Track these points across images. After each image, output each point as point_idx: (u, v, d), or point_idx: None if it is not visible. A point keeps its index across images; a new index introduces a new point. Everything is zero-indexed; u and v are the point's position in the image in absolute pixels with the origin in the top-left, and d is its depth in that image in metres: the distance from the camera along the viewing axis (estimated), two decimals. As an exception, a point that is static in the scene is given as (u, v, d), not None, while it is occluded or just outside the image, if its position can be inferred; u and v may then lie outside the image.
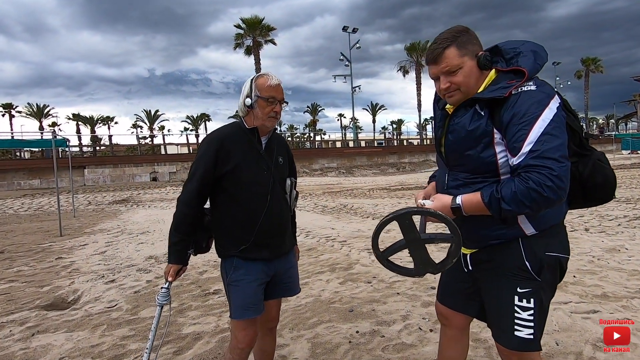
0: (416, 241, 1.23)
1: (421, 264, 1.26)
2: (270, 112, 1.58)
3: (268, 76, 1.59)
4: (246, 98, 1.58)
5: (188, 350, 2.46)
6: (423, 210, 1.23)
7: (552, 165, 1.09)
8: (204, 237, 1.70)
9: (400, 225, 1.21)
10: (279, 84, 1.60)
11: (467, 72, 1.25)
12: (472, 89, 1.27)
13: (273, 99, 1.57)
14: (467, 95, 1.28)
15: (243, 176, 1.56)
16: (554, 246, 1.28)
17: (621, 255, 4.11)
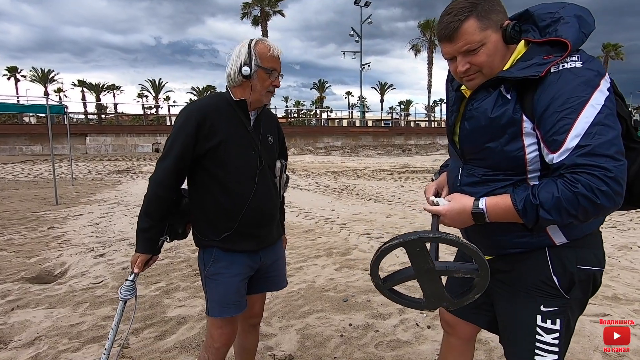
0: (429, 272, 0.97)
1: (433, 297, 1.02)
2: (270, 85, 1.37)
3: (269, 44, 1.36)
4: (243, 66, 1.34)
5: (170, 335, 2.33)
6: (441, 237, 0.95)
7: (607, 165, 0.85)
8: (181, 222, 1.50)
9: (409, 253, 0.96)
10: (280, 55, 1.39)
11: (492, 50, 0.99)
12: (497, 69, 1.02)
13: (275, 71, 1.37)
14: (491, 77, 1.03)
15: (227, 155, 1.36)
16: (588, 259, 1.06)
17: (633, 253, 3.91)
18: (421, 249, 0.94)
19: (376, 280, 1.03)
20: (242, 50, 1.35)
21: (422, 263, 0.96)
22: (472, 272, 0.97)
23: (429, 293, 1.02)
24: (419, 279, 0.99)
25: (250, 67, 1.33)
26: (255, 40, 1.37)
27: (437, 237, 0.94)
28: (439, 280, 0.99)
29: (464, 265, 0.99)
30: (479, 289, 1.00)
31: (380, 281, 1.03)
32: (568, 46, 0.95)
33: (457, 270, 0.99)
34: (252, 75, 1.34)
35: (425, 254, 0.95)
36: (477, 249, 0.93)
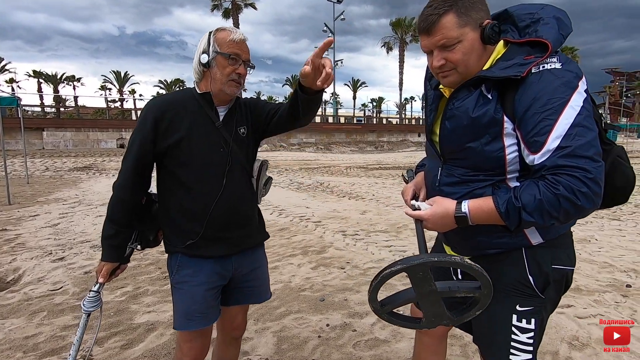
0: (431, 294, 0.94)
1: (433, 316, 1.00)
2: (232, 73, 1.26)
3: (231, 30, 1.27)
4: (202, 54, 1.25)
5: (138, 344, 2.20)
6: (446, 260, 0.92)
7: (587, 166, 0.86)
8: (153, 229, 1.39)
9: (412, 278, 0.92)
10: (244, 40, 1.28)
11: (468, 48, 0.98)
12: (472, 69, 1.01)
13: (236, 56, 1.26)
14: (466, 76, 1.02)
15: (189, 153, 1.26)
16: (562, 258, 1.08)
17: (592, 246, 4.14)
18: (424, 272, 0.90)
19: (374, 305, 0.98)
20: (203, 40, 1.27)
21: (424, 286, 0.93)
22: (474, 291, 0.95)
23: (429, 314, 0.99)
24: (421, 301, 0.96)
25: (208, 54, 1.24)
26: (217, 27, 1.29)
27: (442, 260, 0.91)
28: (440, 301, 0.96)
29: (466, 284, 0.96)
30: (480, 306, 0.98)
31: (379, 306, 0.98)
32: (548, 47, 0.95)
33: (459, 290, 0.96)
34: (211, 63, 1.24)
35: (428, 278, 0.91)
36: (481, 269, 0.90)
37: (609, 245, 4.17)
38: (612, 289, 3.00)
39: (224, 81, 1.26)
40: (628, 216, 5.56)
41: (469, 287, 0.95)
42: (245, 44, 1.28)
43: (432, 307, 0.96)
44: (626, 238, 4.43)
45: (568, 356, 2.12)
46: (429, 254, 0.91)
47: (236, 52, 1.25)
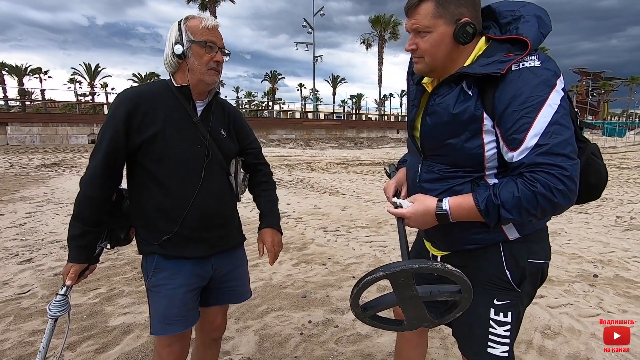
0: (412, 299, 0.96)
1: (415, 319, 1.01)
2: (210, 61, 1.21)
3: (201, 17, 1.22)
4: (175, 45, 1.19)
5: (114, 347, 2.12)
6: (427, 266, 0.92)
7: (564, 164, 0.88)
8: (124, 227, 1.33)
9: (393, 284, 0.93)
10: (217, 27, 1.23)
11: (436, 40, 1.00)
12: (440, 63, 1.03)
13: (212, 43, 1.21)
14: (434, 68, 1.04)
15: (165, 149, 1.21)
16: (538, 253, 1.11)
17: (562, 238, 4.33)
18: (405, 278, 0.91)
19: (356, 310, 0.98)
20: (173, 30, 1.22)
21: (405, 291, 0.93)
22: (455, 294, 0.96)
23: (411, 317, 1.00)
24: (402, 305, 0.97)
25: (182, 44, 1.19)
26: (185, 16, 1.23)
27: (424, 266, 0.91)
28: (421, 304, 0.97)
29: (447, 287, 0.97)
30: (461, 309, 0.99)
31: (361, 310, 0.99)
32: (528, 45, 0.96)
33: (440, 294, 0.97)
34: (186, 53, 1.19)
35: (409, 283, 0.92)
36: (462, 274, 0.91)
37: (578, 237, 4.36)
38: (580, 279, 3.15)
39: (203, 71, 1.21)
40: (594, 209, 5.84)
41: (449, 291, 0.96)
42: (218, 31, 1.24)
43: (414, 310, 0.97)
44: (593, 230, 4.66)
45: (541, 345, 2.20)
46: (411, 260, 0.91)
47: (211, 39, 1.21)
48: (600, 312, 2.59)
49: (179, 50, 1.19)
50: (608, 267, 3.43)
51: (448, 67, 1.04)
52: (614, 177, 9.48)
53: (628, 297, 2.84)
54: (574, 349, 2.16)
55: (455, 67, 1.03)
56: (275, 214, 1.50)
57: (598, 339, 2.26)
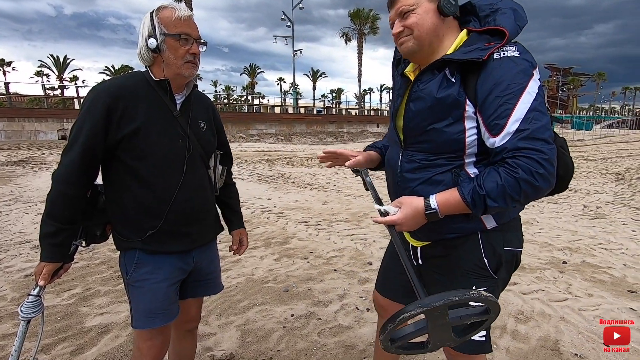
0: (443, 326, 0.92)
1: (439, 341, 0.98)
2: (186, 54, 1.18)
3: (174, 7, 1.17)
4: (149, 39, 1.16)
5: (91, 348, 2.07)
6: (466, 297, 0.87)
7: (543, 148, 0.92)
8: (99, 223, 1.30)
9: (428, 317, 0.89)
10: (190, 17, 1.20)
11: (422, 14, 1.05)
12: (427, 37, 1.06)
13: (187, 35, 1.18)
14: (421, 44, 1.07)
15: (146, 144, 1.17)
16: (513, 241, 1.16)
17: (534, 227, 4.51)
18: (442, 311, 0.88)
19: (386, 344, 0.94)
20: (145, 23, 1.18)
21: (439, 321, 0.90)
22: (481, 316, 0.93)
23: (436, 339, 0.97)
24: (431, 334, 0.94)
25: (156, 37, 1.15)
26: (157, 7, 1.19)
27: (462, 297, 0.86)
28: (450, 329, 0.95)
29: (475, 310, 0.93)
30: (484, 327, 0.97)
31: (389, 343, 0.95)
32: (506, 34, 1.01)
33: (470, 317, 0.94)
34: (161, 47, 1.16)
35: (444, 314, 0.89)
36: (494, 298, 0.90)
37: (548, 226, 4.56)
38: (551, 266, 3.30)
39: (179, 64, 1.18)
40: (564, 200, 6.11)
41: (477, 313, 0.94)
42: (192, 21, 1.20)
43: (441, 334, 0.95)
44: (562, 220, 4.88)
45: (515, 329, 2.30)
46: (448, 293, 0.86)
47: (186, 31, 1.17)
48: (569, 297, 2.73)
49: (153, 45, 1.15)
50: (576, 254, 3.61)
51: (434, 47, 1.08)
52: (581, 169, 9.94)
53: (594, 281, 3.00)
54: (544, 332, 2.27)
55: (439, 52, 1.08)
56: (241, 214, 1.61)
57: (567, 321, 2.39)
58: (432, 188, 1.09)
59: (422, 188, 1.11)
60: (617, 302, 2.66)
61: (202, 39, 1.23)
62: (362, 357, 2.02)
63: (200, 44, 1.23)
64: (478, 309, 0.93)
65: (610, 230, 4.40)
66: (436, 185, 1.09)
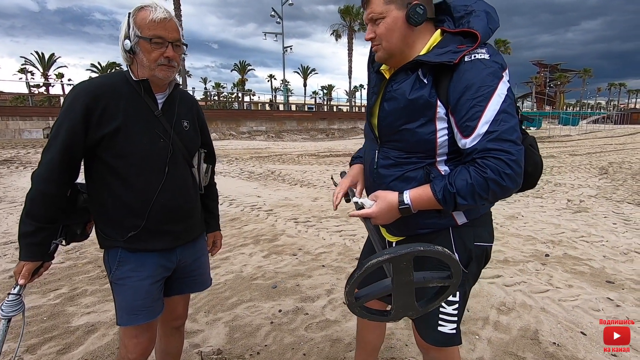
0: (407, 285, 0.95)
1: (402, 308, 1.00)
2: (159, 57, 1.17)
3: (151, 8, 1.17)
4: (124, 40, 1.16)
5: (77, 347, 2.07)
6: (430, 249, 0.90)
7: (511, 149, 0.96)
8: (80, 222, 1.30)
9: (395, 268, 0.92)
10: (167, 19, 1.18)
11: (390, 24, 1.06)
12: (396, 47, 1.09)
13: (160, 39, 1.16)
14: (391, 54, 1.09)
15: (127, 144, 1.18)
16: (483, 236, 1.20)
17: (518, 222, 4.61)
18: (407, 262, 0.91)
19: (350, 299, 0.96)
20: (124, 23, 1.18)
21: (404, 277, 0.93)
22: (445, 280, 0.97)
23: (399, 304, 0.99)
24: (395, 292, 0.96)
25: (130, 39, 1.16)
26: (135, 7, 1.19)
27: (427, 249, 0.90)
28: (412, 292, 0.97)
29: (439, 274, 0.97)
30: (446, 295, 1.00)
31: (354, 299, 0.97)
32: (478, 37, 1.03)
33: (432, 279, 0.97)
34: (135, 49, 1.16)
35: (409, 268, 0.91)
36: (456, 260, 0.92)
37: (533, 220, 4.67)
38: (533, 259, 3.38)
39: (152, 67, 1.18)
40: (549, 194, 6.24)
41: (441, 277, 0.97)
42: (170, 23, 1.19)
43: (404, 297, 0.97)
44: (546, 213, 4.99)
45: (497, 320, 2.37)
46: (416, 244, 0.89)
47: (159, 34, 1.16)
48: (550, 288, 2.81)
49: (127, 46, 1.16)
50: (558, 247, 3.71)
51: (405, 53, 1.10)
52: (567, 164, 10.15)
53: (574, 273, 3.09)
54: (525, 323, 2.34)
55: (412, 54, 1.09)
56: (218, 216, 1.66)
57: (547, 312, 2.46)
58: (405, 184, 1.12)
59: (396, 184, 1.14)
60: (596, 292, 2.75)
61: (180, 41, 1.22)
62: (347, 350, 2.06)
63: (177, 47, 1.21)
64: (442, 273, 0.96)
65: (592, 223, 4.53)
66: (409, 181, 1.12)
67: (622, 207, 5.37)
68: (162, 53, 1.17)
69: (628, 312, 2.46)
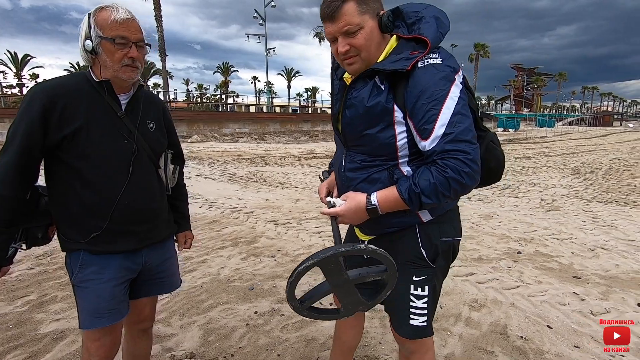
0: (345, 283, 0.99)
1: (350, 304, 1.05)
2: (123, 58, 1.17)
3: (112, 8, 1.16)
4: (85, 40, 1.15)
5: (45, 355, 2.01)
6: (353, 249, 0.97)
7: (467, 149, 1.01)
8: (41, 225, 1.27)
9: (324, 270, 0.96)
10: (129, 19, 1.17)
11: (369, 34, 1.08)
12: (373, 56, 1.11)
13: (124, 39, 1.16)
14: (368, 63, 1.11)
15: (88, 144, 1.17)
16: (449, 231, 1.24)
17: (494, 221, 4.74)
18: (335, 264, 0.94)
19: (293, 303, 1.00)
20: (83, 23, 1.17)
21: (337, 277, 0.97)
22: (382, 274, 1.01)
23: (346, 302, 1.03)
24: (336, 292, 1.00)
25: (92, 39, 1.14)
26: (96, 7, 1.17)
27: (349, 249, 0.95)
28: (354, 288, 1.01)
29: (374, 268, 1.02)
30: (389, 287, 1.05)
31: (298, 303, 1.01)
32: (428, 44, 1.07)
33: (369, 274, 1.01)
34: (97, 50, 1.15)
35: (339, 268, 0.95)
36: (384, 252, 0.97)
37: (507, 219, 4.80)
38: (506, 257, 3.49)
39: (116, 68, 1.17)
40: (524, 194, 6.44)
41: (376, 271, 1.01)
42: (132, 23, 1.18)
43: (348, 295, 1.01)
44: (520, 212, 5.15)
45: (468, 317, 2.43)
46: (337, 245, 0.95)
47: (122, 34, 1.15)
48: (520, 284, 2.90)
49: (89, 46, 1.14)
50: (530, 245, 3.83)
51: (374, 61, 1.12)
52: (542, 164, 10.48)
53: (544, 269, 3.21)
54: (495, 318, 2.41)
55: (373, 61, 1.12)
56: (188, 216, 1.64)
57: (516, 307, 2.54)
58: (371, 186, 1.16)
59: (362, 186, 1.18)
60: (563, 287, 2.85)
61: (145, 41, 1.22)
62: (322, 349, 2.07)
63: (141, 47, 1.21)
64: (377, 267, 1.00)
65: (562, 222, 4.69)
66: (374, 183, 1.16)
67: (591, 205, 5.59)
68: (126, 53, 1.17)
69: (592, 305, 2.57)
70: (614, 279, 3.01)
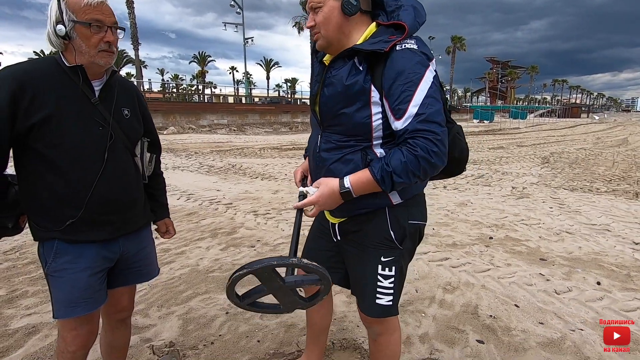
0: (281, 288, 1.06)
1: (289, 304, 1.13)
2: (100, 42, 1.14)
3: None
4: (57, 25, 1.11)
5: (17, 350, 1.96)
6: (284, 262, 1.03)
7: (436, 130, 1.06)
8: (11, 215, 1.24)
9: (260, 278, 1.02)
10: (103, 2, 1.14)
11: (327, 13, 1.15)
12: (333, 35, 1.17)
13: (99, 23, 1.13)
14: (330, 42, 1.18)
15: (60, 132, 1.13)
16: (416, 215, 1.29)
17: (468, 208, 4.91)
18: (269, 273, 1.01)
19: (235, 300, 1.07)
20: (52, 7, 1.12)
21: (272, 283, 1.03)
22: (316, 282, 1.07)
23: (285, 302, 1.11)
24: (273, 294, 1.07)
25: (64, 24, 1.10)
26: None
27: (281, 263, 1.01)
28: (290, 292, 1.08)
29: (309, 278, 1.08)
30: (323, 294, 1.12)
31: (239, 300, 1.08)
32: (406, 29, 1.12)
33: (304, 283, 1.08)
34: (71, 35, 1.11)
35: (273, 277, 1.02)
36: (316, 266, 1.02)
37: (480, 206, 4.98)
38: (479, 242, 3.63)
39: (92, 53, 1.14)
40: (496, 182, 6.68)
41: (311, 280, 1.08)
42: (105, 6, 1.15)
43: (285, 297, 1.09)
44: (493, 200, 5.35)
45: (442, 299, 2.53)
46: (270, 258, 1.01)
47: (98, 17, 1.12)
48: (491, 267, 3.04)
49: (62, 31, 1.10)
50: (501, 230, 4.01)
51: (342, 42, 1.18)
52: (514, 154, 10.88)
53: (513, 253, 3.37)
54: (467, 299, 2.52)
55: (349, 43, 1.18)
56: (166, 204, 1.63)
57: (486, 289, 2.67)
58: (344, 166, 1.20)
59: (336, 166, 1.21)
60: (530, 269, 3.01)
61: (118, 25, 1.19)
62: (302, 334, 2.12)
63: (116, 30, 1.18)
64: (312, 277, 1.07)
65: (531, 208, 4.92)
66: (347, 163, 1.20)
67: (558, 192, 5.87)
68: (102, 38, 1.14)
69: (555, 285, 2.74)
70: (577, 260, 3.21)
